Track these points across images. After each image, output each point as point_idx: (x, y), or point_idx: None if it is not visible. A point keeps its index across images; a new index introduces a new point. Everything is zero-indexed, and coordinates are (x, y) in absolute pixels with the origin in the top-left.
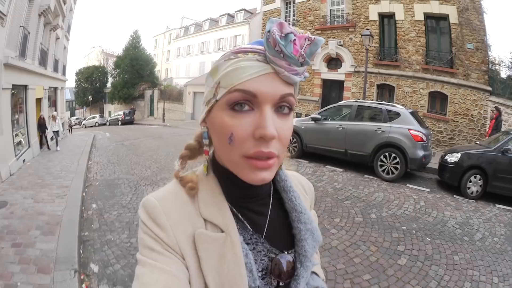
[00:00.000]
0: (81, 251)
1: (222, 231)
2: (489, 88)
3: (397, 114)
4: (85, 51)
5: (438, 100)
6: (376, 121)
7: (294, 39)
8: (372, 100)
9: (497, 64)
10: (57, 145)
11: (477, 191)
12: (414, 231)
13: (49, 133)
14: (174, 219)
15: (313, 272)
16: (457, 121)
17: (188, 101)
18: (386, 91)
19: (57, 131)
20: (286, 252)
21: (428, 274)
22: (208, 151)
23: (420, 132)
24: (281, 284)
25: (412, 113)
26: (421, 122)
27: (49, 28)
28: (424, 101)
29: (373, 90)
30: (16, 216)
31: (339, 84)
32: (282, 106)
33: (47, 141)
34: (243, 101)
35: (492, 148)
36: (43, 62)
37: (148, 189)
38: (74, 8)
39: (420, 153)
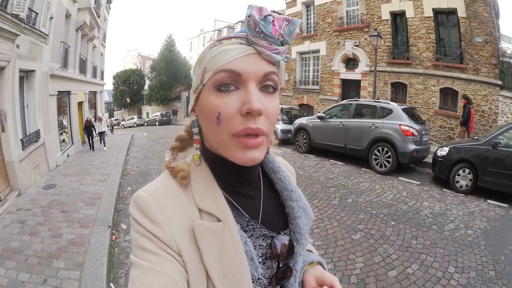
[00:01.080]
0: (115, 216)
1: (219, 220)
2: (500, 82)
3: (390, 111)
4: (122, 55)
5: (449, 96)
6: (371, 118)
7: (273, 20)
8: (387, 98)
9: (508, 56)
10: (104, 145)
11: (466, 185)
12: (381, 215)
13: (96, 135)
14: (168, 212)
15: (307, 250)
16: None
17: None
18: (400, 89)
19: (104, 132)
20: (282, 233)
21: (376, 250)
22: (198, 139)
23: (411, 127)
24: (280, 265)
25: (406, 109)
26: (416, 118)
27: (86, 40)
28: (435, 98)
29: (387, 89)
30: (64, 193)
31: (357, 84)
32: (267, 85)
33: (92, 143)
34: (229, 81)
35: (482, 142)
36: (82, 69)
37: None
38: (108, 18)
39: (411, 147)
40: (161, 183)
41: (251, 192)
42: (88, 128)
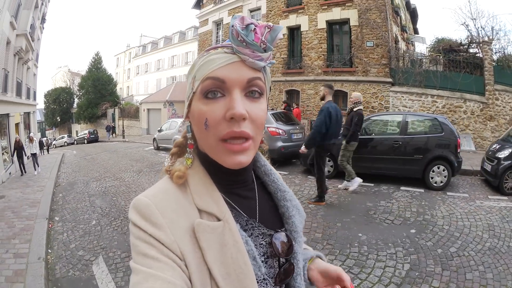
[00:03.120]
0: (50, 213)
1: (219, 220)
2: (389, 80)
3: None
4: (52, 72)
5: (340, 97)
6: None
7: (255, 28)
8: (282, 105)
9: (401, 56)
10: (37, 166)
11: (328, 172)
12: None
13: (26, 157)
14: (169, 216)
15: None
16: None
17: (143, 118)
18: (294, 95)
19: (35, 154)
20: (279, 231)
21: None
22: (192, 144)
23: (278, 128)
24: (281, 262)
25: (275, 114)
26: (289, 120)
27: (22, 63)
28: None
29: (282, 96)
30: (12, 201)
31: None
32: (252, 91)
33: (23, 166)
34: (215, 88)
35: None
36: (18, 92)
37: (94, 183)
38: (41, 38)
39: (278, 144)
40: (160, 187)
41: (247, 193)
42: (18, 150)
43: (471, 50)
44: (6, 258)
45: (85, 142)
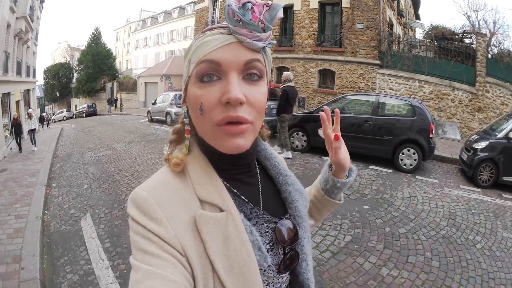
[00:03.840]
0: (49, 180)
1: (222, 211)
2: (377, 62)
3: None
4: (52, 47)
5: (328, 77)
6: None
7: (252, 7)
8: (271, 81)
9: (391, 40)
10: (35, 144)
11: (302, 145)
12: None
13: (24, 133)
14: (169, 209)
15: None
16: (344, 93)
17: (141, 91)
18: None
19: (34, 129)
20: (284, 218)
21: None
22: (189, 130)
23: None
24: (287, 250)
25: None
26: (270, 96)
27: (21, 43)
28: (314, 78)
29: (273, 73)
30: (14, 172)
31: None
32: (251, 74)
33: (20, 144)
34: (210, 72)
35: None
36: (19, 71)
37: (89, 153)
38: (40, 17)
39: None
40: (159, 178)
41: (249, 179)
42: (16, 128)
43: (466, 41)
44: (8, 219)
45: (84, 116)
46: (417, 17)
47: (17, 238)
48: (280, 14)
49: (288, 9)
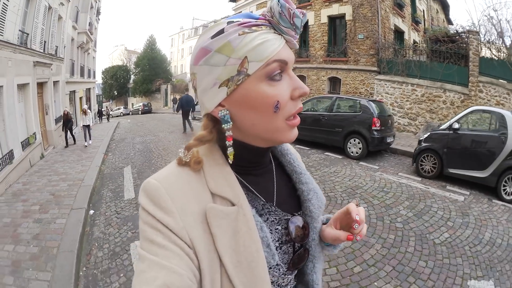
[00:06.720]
0: (106, 151)
1: (233, 205)
2: (375, 69)
3: None
4: (110, 49)
5: (337, 83)
6: None
7: (294, 13)
8: None
9: (387, 47)
10: (89, 138)
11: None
12: None
13: (77, 129)
14: (180, 200)
15: None
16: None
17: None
18: (302, 80)
19: (88, 125)
20: (296, 214)
21: None
22: (232, 136)
23: None
24: (296, 248)
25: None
26: None
27: (83, 51)
28: (324, 85)
29: None
30: (78, 149)
31: None
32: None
33: (67, 139)
34: (279, 70)
35: None
36: (82, 74)
37: (138, 138)
38: (98, 27)
39: None
40: (172, 169)
41: (264, 175)
42: (67, 123)
43: (457, 40)
44: (77, 166)
45: (139, 113)
46: (449, 21)
47: (82, 173)
48: (304, 22)
49: (305, 24)
